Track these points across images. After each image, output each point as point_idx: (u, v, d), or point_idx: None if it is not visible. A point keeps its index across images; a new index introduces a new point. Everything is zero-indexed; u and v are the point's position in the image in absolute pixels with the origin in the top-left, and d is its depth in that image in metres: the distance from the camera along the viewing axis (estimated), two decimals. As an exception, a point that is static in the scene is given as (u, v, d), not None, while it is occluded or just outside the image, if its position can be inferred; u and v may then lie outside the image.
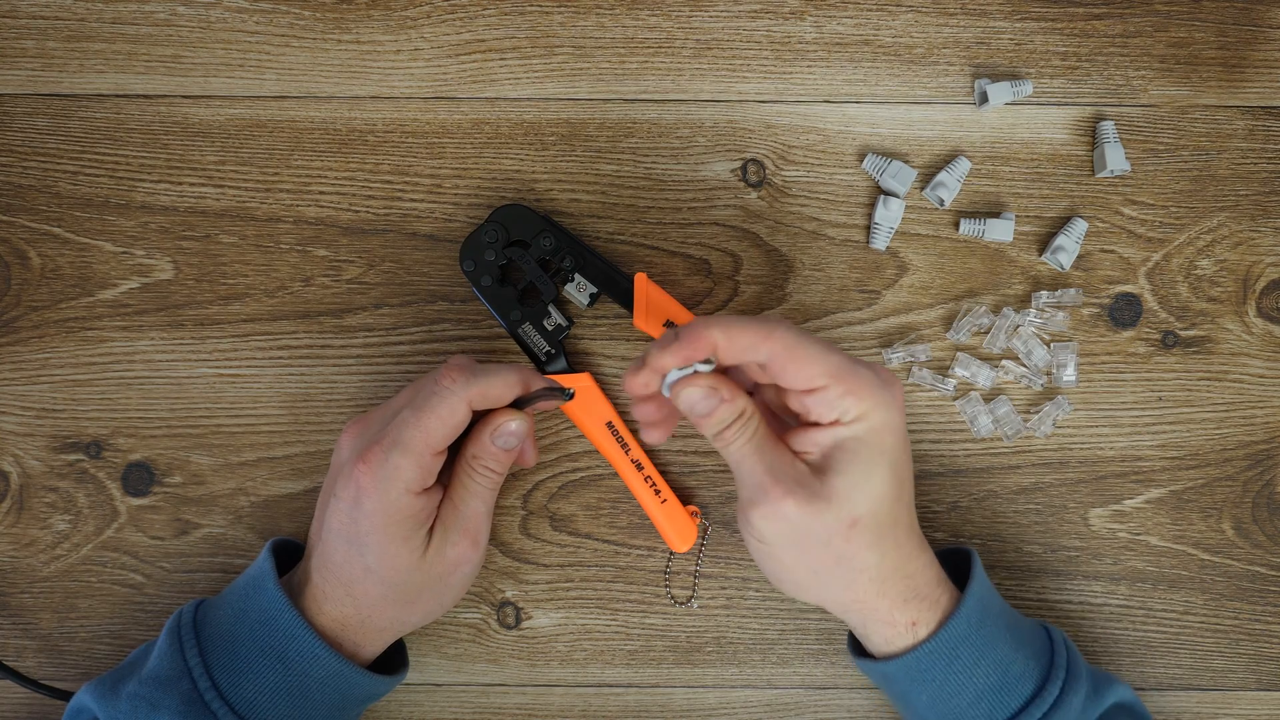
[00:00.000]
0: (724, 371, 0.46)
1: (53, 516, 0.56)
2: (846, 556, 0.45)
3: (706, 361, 0.44)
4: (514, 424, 0.48)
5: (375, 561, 0.46)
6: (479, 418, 0.48)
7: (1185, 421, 0.56)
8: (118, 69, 0.56)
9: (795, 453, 0.45)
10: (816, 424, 0.45)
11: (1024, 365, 0.55)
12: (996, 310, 0.55)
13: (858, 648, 0.51)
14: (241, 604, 0.47)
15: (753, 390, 0.49)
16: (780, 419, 0.49)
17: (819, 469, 0.44)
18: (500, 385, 0.47)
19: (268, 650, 0.46)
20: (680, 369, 0.44)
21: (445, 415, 0.46)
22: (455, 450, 0.49)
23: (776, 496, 0.44)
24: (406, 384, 0.56)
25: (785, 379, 0.44)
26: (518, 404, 0.49)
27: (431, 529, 0.48)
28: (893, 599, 0.46)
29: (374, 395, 0.56)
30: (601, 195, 0.56)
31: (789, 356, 0.43)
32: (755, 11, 0.56)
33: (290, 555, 0.52)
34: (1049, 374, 0.55)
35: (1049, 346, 0.55)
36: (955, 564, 0.51)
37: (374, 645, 0.49)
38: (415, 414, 0.46)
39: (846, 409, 0.44)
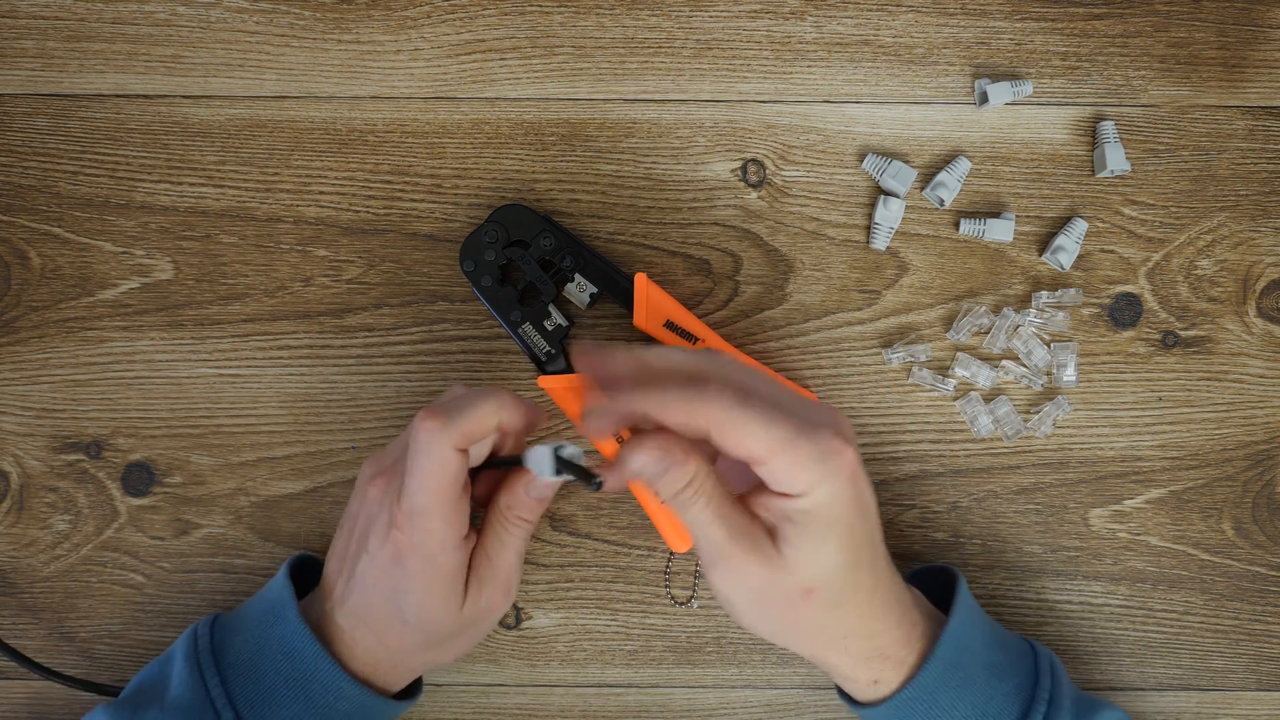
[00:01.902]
0: None
1: (53, 517, 0.56)
2: (805, 619, 0.44)
3: None
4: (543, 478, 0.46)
5: (414, 616, 0.45)
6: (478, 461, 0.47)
7: (1185, 421, 0.56)
8: (118, 69, 0.56)
9: (754, 514, 0.43)
10: (770, 492, 0.43)
11: (1024, 365, 0.55)
12: (996, 310, 0.55)
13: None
14: (262, 632, 0.47)
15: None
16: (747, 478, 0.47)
17: (774, 535, 0.43)
18: (479, 419, 0.44)
19: (291, 682, 0.46)
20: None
21: (437, 468, 0.44)
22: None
23: (734, 560, 0.42)
24: (406, 384, 0.56)
25: (726, 449, 0.42)
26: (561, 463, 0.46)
27: (468, 579, 0.46)
28: (854, 657, 0.46)
29: (374, 395, 0.56)
30: (601, 195, 0.56)
31: (724, 431, 0.41)
32: (755, 11, 0.56)
33: (306, 572, 0.51)
34: (1049, 374, 0.55)
35: (1049, 346, 0.55)
36: (945, 583, 0.51)
37: (401, 682, 0.48)
38: (411, 477, 0.44)
39: (791, 483, 0.42)
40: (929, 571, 0.53)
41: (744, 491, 0.44)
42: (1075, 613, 0.56)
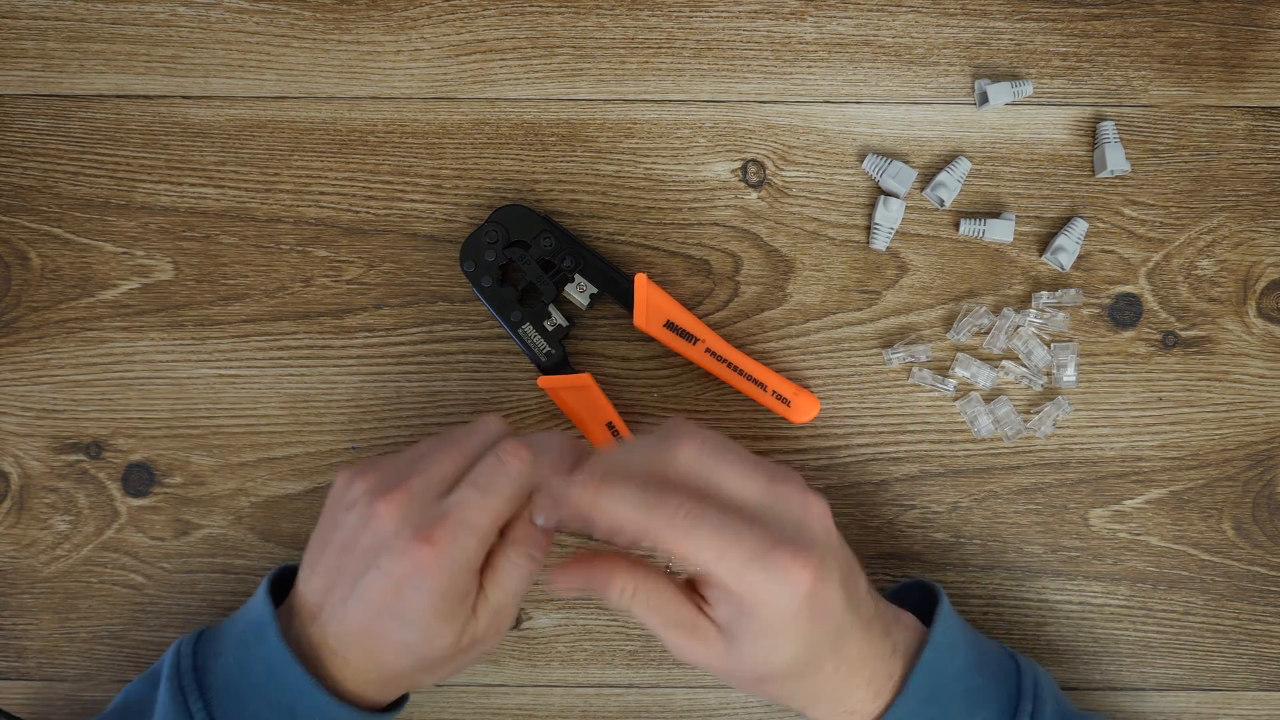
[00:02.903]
0: None
1: (53, 517, 0.56)
2: (768, 694, 0.46)
3: None
4: (548, 506, 0.45)
5: (417, 638, 0.44)
6: None
7: (1185, 422, 0.56)
8: (118, 69, 0.56)
9: (703, 602, 0.44)
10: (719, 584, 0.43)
11: (1024, 366, 0.55)
12: (996, 311, 0.55)
13: None
14: (243, 654, 0.46)
15: None
16: None
17: (724, 630, 0.43)
18: (558, 462, 0.45)
19: (275, 705, 0.45)
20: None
21: (513, 499, 0.44)
22: None
23: (685, 649, 0.44)
24: (406, 384, 0.56)
25: (679, 562, 0.43)
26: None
27: (474, 605, 0.46)
28: (822, 713, 0.47)
29: (374, 395, 0.56)
30: (602, 195, 0.56)
31: (676, 550, 0.41)
32: (755, 12, 0.56)
33: (284, 582, 0.49)
34: (1049, 374, 0.55)
35: (1049, 347, 0.55)
36: (925, 596, 0.50)
37: (386, 698, 0.48)
38: (483, 495, 0.44)
39: (740, 600, 0.42)
40: (913, 586, 0.52)
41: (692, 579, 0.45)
42: (1075, 613, 0.56)
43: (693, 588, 0.44)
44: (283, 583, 0.49)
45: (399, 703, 0.49)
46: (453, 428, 0.49)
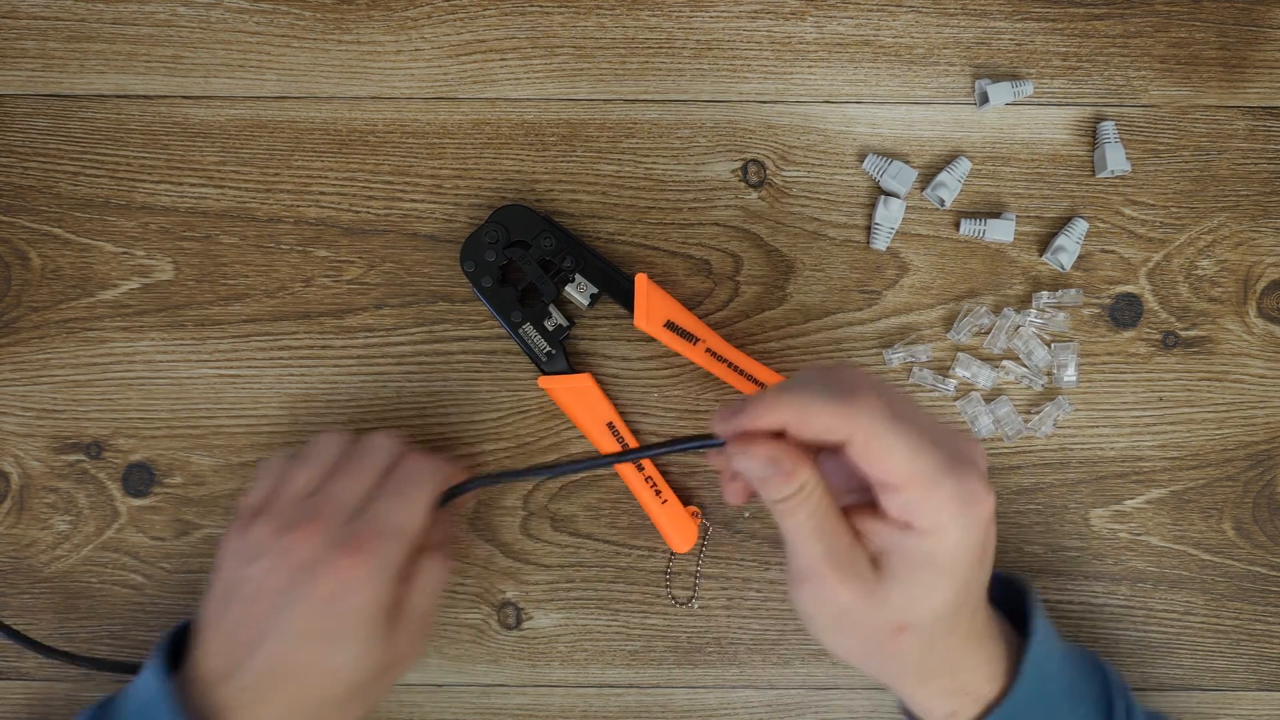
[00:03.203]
0: None
1: (53, 517, 0.56)
2: (891, 654, 0.42)
3: None
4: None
5: (345, 659, 0.43)
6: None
7: (1186, 422, 0.56)
8: (118, 69, 0.56)
9: (859, 534, 0.41)
10: (886, 517, 0.40)
11: (1024, 365, 0.55)
12: (997, 311, 0.55)
13: None
14: None
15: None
16: (855, 487, 0.43)
17: (879, 564, 0.40)
18: (458, 471, 0.48)
19: None
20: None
21: (431, 499, 0.45)
22: None
23: (828, 583, 0.40)
24: (406, 384, 0.56)
25: (861, 468, 0.39)
26: (449, 493, 0.48)
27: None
28: (932, 691, 0.44)
29: (374, 395, 0.56)
30: (602, 195, 0.56)
31: (869, 448, 0.38)
32: (755, 12, 0.56)
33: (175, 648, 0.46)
34: (1049, 374, 0.55)
35: (1049, 347, 0.55)
36: (1008, 593, 0.48)
37: None
38: (402, 500, 0.44)
39: (921, 518, 0.39)
40: (994, 580, 0.49)
41: (849, 504, 0.42)
42: (1075, 613, 0.56)
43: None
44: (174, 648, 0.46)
45: None
46: (310, 449, 0.49)
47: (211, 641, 0.44)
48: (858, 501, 0.42)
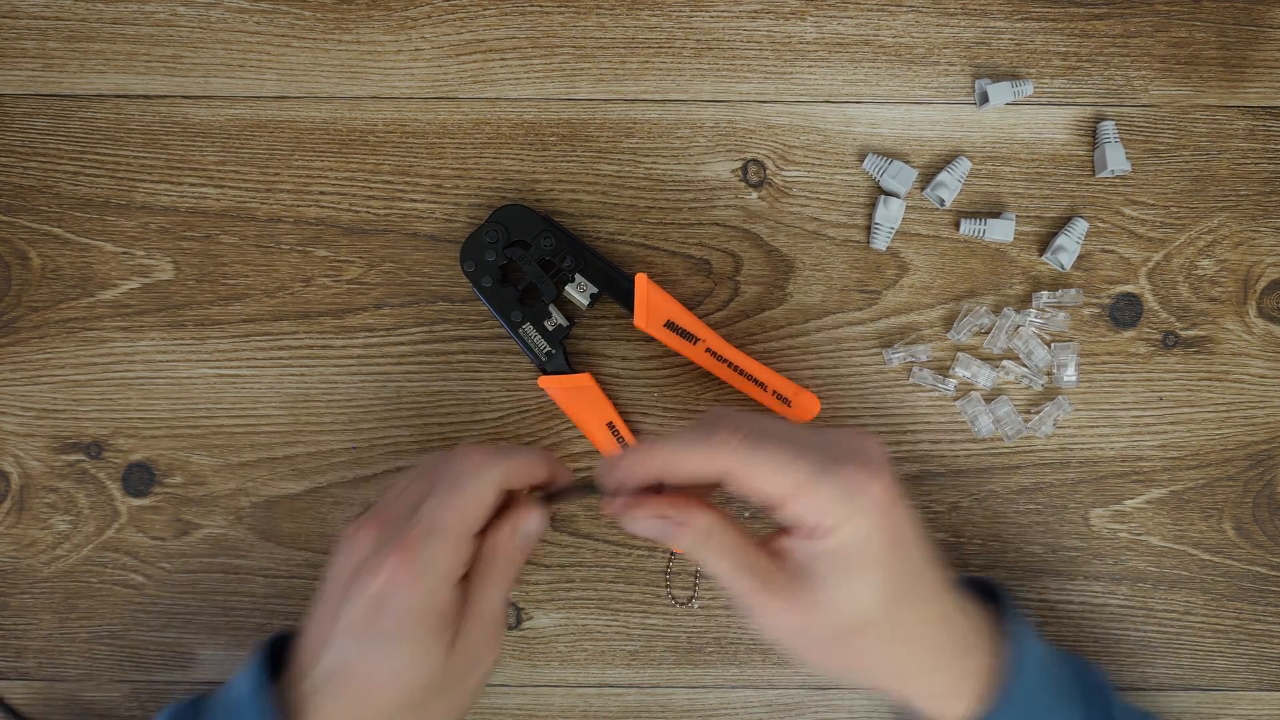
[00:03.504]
0: None
1: (53, 517, 0.56)
2: (859, 657, 0.42)
3: None
4: (534, 523, 0.45)
5: (402, 664, 0.42)
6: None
7: (1186, 421, 0.56)
8: (118, 69, 0.56)
9: (778, 556, 0.42)
10: (791, 532, 0.41)
11: (1024, 365, 0.55)
12: (997, 310, 0.55)
13: None
14: None
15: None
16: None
17: (804, 577, 0.41)
18: (527, 465, 0.45)
19: None
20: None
21: (479, 495, 0.43)
22: None
23: (769, 610, 0.41)
24: (406, 384, 0.56)
25: (744, 494, 0.40)
26: (549, 497, 0.47)
27: (458, 626, 0.44)
28: (922, 694, 0.44)
29: (374, 395, 0.56)
30: (602, 195, 0.56)
31: (739, 475, 0.39)
32: (755, 11, 0.56)
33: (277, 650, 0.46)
34: (1049, 374, 0.55)
35: (1049, 347, 0.55)
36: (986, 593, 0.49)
37: None
38: (447, 497, 0.43)
39: (818, 521, 0.40)
40: (962, 582, 0.50)
41: (769, 534, 0.43)
42: (1076, 613, 0.56)
43: (766, 548, 0.43)
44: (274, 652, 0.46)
45: None
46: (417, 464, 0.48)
47: (302, 639, 0.44)
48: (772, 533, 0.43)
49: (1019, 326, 0.55)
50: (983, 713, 0.43)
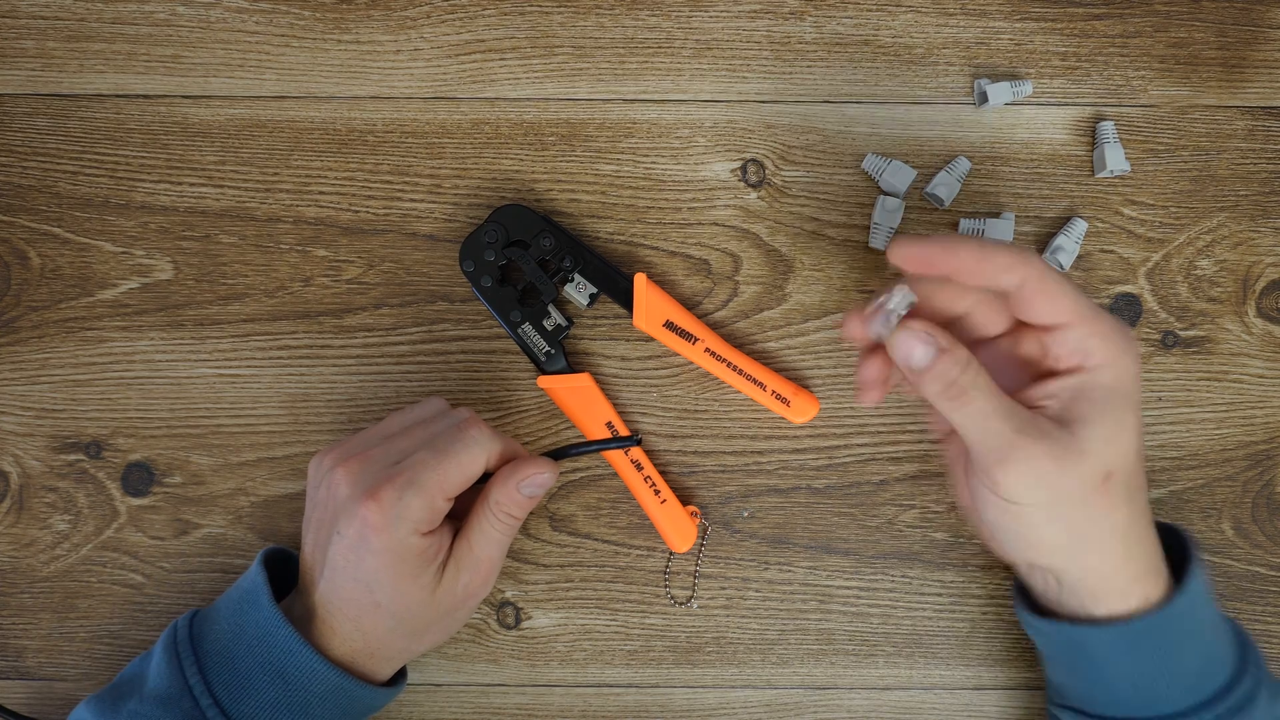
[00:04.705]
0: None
1: (52, 516, 0.56)
2: (1099, 515, 0.42)
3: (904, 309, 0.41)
4: (545, 475, 0.48)
5: (386, 598, 0.46)
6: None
7: (1185, 422, 0.56)
8: (118, 69, 0.56)
9: (1033, 405, 0.42)
10: (1053, 372, 0.42)
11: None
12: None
13: (1028, 602, 0.49)
14: (237, 619, 0.47)
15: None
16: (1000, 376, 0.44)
17: (1063, 421, 0.41)
18: (514, 449, 0.49)
19: (267, 666, 0.46)
20: (891, 307, 0.40)
21: (467, 464, 0.46)
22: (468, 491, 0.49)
23: (1028, 451, 0.40)
24: (406, 384, 0.56)
25: (1031, 311, 0.41)
26: (558, 452, 0.50)
27: (444, 564, 0.47)
28: (1134, 570, 0.44)
29: (374, 395, 0.56)
30: (601, 195, 0.56)
31: (1040, 286, 0.40)
32: (755, 11, 0.56)
33: (280, 563, 0.51)
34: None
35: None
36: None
37: (382, 672, 0.49)
38: (436, 457, 0.46)
39: (1091, 351, 0.41)
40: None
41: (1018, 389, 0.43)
42: (1075, 613, 0.56)
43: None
44: (288, 566, 0.51)
45: (397, 679, 0.51)
46: (414, 405, 0.50)
47: (303, 554, 0.49)
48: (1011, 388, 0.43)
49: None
50: (1141, 607, 0.44)
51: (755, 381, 0.54)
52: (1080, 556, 0.44)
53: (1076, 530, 0.43)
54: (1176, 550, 0.47)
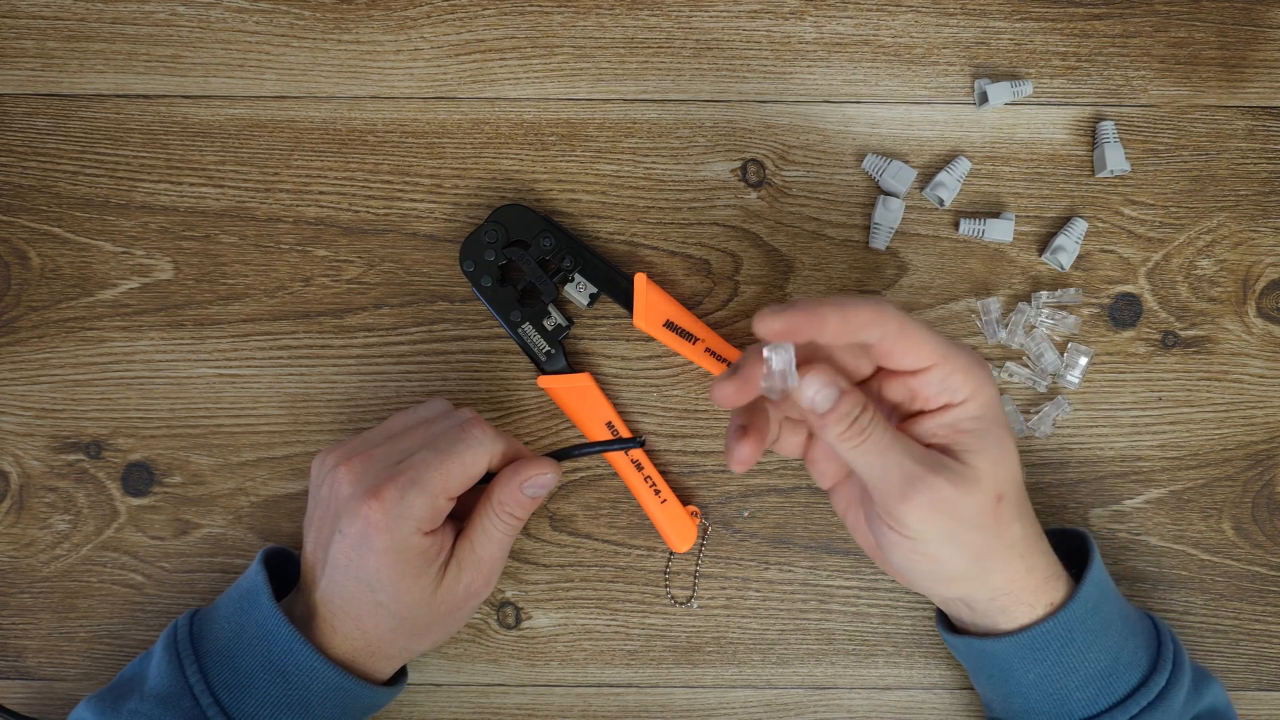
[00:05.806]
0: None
1: (53, 516, 0.56)
2: (998, 536, 0.44)
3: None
4: (548, 476, 0.48)
5: (387, 597, 0.46)
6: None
7: (1185, 421, 0.56)
8: (118, 69, 0.56)
9: (920, 441, 0.44)
10: (923, 411, 0.44)
11: (1027, 366, 0.55)
12: (1007, 311, 0.55)
13: (948, 624, 0.51)
14: (237, 618, 0.47)
15: None
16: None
17: (952, 453, 0.43)
18: (516, 449, 0.49)
19: (267, 666, 0.46)
20: (780, 367, 0.41)
21: (470, 464, 0.47)
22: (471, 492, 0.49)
23: (929, 483, 0.42)
24: (406, 384, 0.56)
25: (895, 360, 0.43)
26: (561, 453, 0.51)
27: (445, 564, 0.47)
28: (1035, 582, 0.46)
29: (374, 395, 0.56)
30: (601, 195, 0.56)
31: (901, 335, 0.42)
32: (755, 11, 0.56)
33: (280, 563, 0.51)
34: (1054, 377, 0.55)
35: (1063, 353, 0.55)
36: (1062, 546, 0.51)
37: (383, 671, 0.49)
38: (439, 457, 0.46)
39: (957, 388, 0.43)
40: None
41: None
42: (1075, 613, 0.56)
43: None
44: (286, 565, 0.51)
45: (398, 679, 0.51)
46: (417, 405, 0.51)
47: (305, 552, 0.49)
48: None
49: (1034, 327, 0.55)
50: (1040, 616, 0.46)
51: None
52: (985, 578, 0.45)
53: (979, 555, 0.44)
54: (1082, 554, 0.49)
